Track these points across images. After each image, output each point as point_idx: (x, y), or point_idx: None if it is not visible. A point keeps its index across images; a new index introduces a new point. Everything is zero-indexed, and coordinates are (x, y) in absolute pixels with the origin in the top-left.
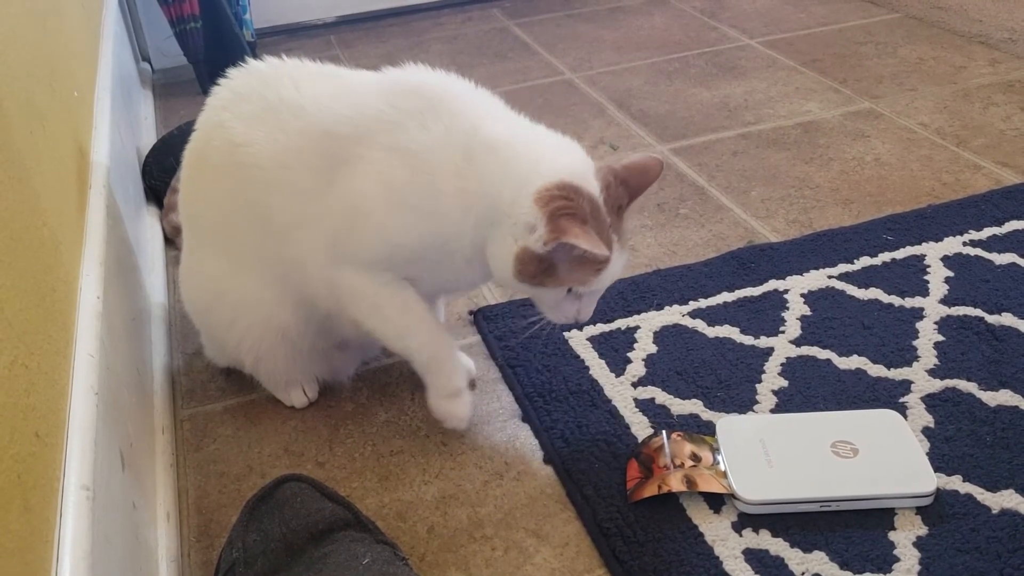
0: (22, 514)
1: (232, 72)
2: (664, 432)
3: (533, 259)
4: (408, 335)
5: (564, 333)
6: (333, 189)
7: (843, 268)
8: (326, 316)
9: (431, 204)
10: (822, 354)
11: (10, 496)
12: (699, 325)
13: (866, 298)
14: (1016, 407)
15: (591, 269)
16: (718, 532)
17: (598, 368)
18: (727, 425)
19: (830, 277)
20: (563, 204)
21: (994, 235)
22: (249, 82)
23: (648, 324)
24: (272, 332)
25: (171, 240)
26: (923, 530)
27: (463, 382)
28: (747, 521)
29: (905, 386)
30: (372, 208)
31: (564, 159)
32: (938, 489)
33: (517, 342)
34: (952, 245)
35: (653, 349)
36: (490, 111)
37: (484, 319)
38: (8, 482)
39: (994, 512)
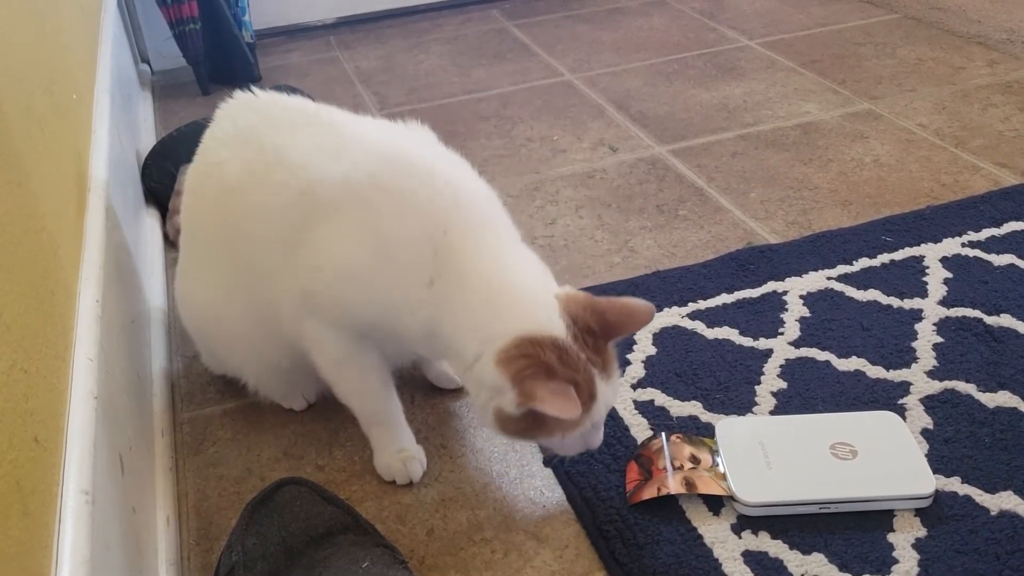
0: (21, 519)
1: (240, 97)
2: (663, 434)
3: (513, 419)
4: (357, 397)
5: None
6: (305, 246)
7: (842, 269)
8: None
9: (387, 297)
10: (821, 356)
11: (9, 502)
12: (698, 327)
13: (865, 299)
14: (1015, 408)
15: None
16: (717, 534)
17: None
18: (726, 427)
19: (829, 278)
20: (524, 364)
21: (992, 236)
22: (252, 121)
23: (647, 326)
24: (268, 361)
25: (173, 243)
26: (922, 532)
27: (407, 443)
28: (746, 523)
29: (904, 387)
30: (332, 280)
31: (521, 308)
32: (937, 491)
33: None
34: (951, 246)
35: (652, 351)
36: (477, 220)
37: None
38: (7, 487)
39: (993, 514)
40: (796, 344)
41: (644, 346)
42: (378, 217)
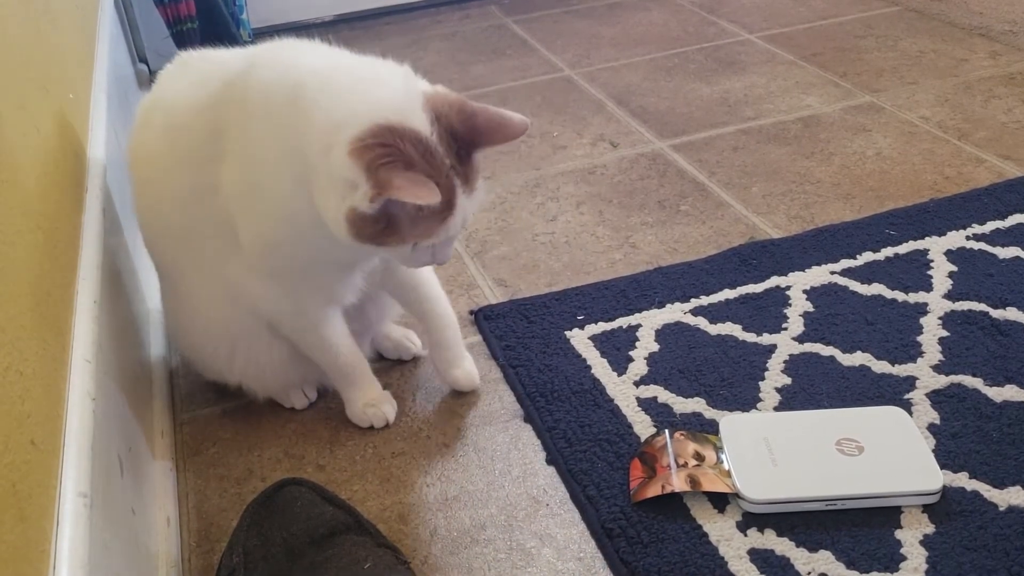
0: (17, 524)
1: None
2: (667, 431)
3: (367, 220)
4: (320, 350)
5: (566, 332)
6: (214, 197)
7: (845, 263)
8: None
9: (263, 179)
10: (825, 351)
11: (4, 506)
12: (701, 323)
13: (869, 294)
14: (1022, 402)
15: (435, 220)
16: (723, 532)
17: (600, 367)
18: (730, 423)
19: (832, 273)
20: (381, 152)
21: (997, 229)
22: (154, 91)
23: (650, 322)
24: (248, 347)
25: None
26: (930, 528)
27: (375, 392)
28: (752, 520)
29: (910, 382)
30: (234, 210)
31: (378, 94)
32: (944, 486)
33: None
34: (955, 239)
35: (655, 347)
36: (300, 57)
37: (485, 319)
38: (2, 491)
39: (1001, 509)
40: (800, 339)
41: (647, 343)
42: (226, 110)
